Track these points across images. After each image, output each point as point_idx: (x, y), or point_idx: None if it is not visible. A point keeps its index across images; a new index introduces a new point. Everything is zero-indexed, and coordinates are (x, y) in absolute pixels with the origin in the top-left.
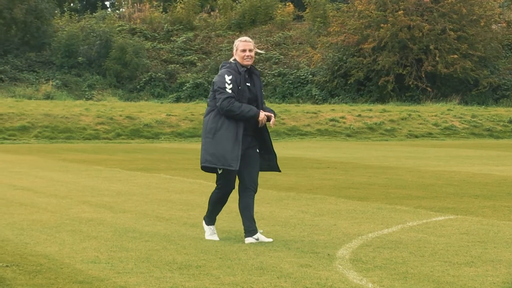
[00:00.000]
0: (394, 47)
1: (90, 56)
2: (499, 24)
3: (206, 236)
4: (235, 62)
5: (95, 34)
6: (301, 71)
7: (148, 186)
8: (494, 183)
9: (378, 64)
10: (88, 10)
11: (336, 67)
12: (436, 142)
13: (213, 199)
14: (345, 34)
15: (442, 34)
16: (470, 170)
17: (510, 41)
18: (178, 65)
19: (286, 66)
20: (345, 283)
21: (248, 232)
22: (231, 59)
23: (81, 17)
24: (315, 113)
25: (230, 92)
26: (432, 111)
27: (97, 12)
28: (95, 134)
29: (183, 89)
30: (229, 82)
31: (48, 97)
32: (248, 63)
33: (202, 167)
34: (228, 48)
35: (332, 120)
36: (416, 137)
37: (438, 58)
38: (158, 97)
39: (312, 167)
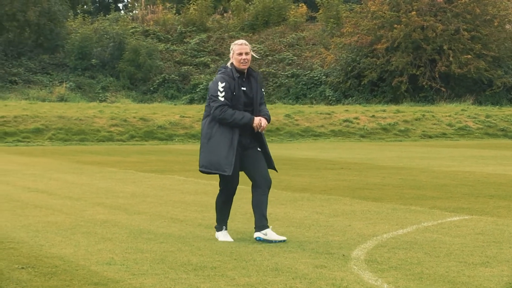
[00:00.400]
0: (407, 48)
1: (103, 58)
2: None
3: (220, 239)
4: (231, 67)
5: (109, 36)
6: (314, 72)
7: (162, 188)
8: (509, 183)
9: (392, 64)
10: (101, 12)
11: (349, 68)
12: (450, 142)
13: (218, 203)
14: (358, 35)
15: (456, 34)
16: (485, 170)
17: None
18: (191, 66)
19: (299, 67)
20: (360, 284)
21: (257, 227)
22: (228, 63)
23: (94, 19)
24: (329, 114)
25: (223, 100)
26: (446, 112)
27: (110, 14)
28: (109, 136)
29: (197, 90)
30: (221, 90)
31: (62, 99)
32: (244, 67)
33: (200, 171)
34: None
35: (345, 121)
36: (430, 137)
37: (451, 58)
38: (172, 98)
39: (326, 168)
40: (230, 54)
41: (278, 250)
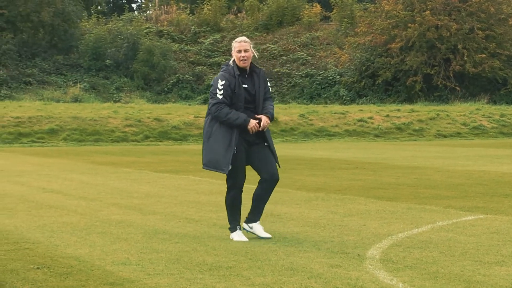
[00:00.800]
0: (421, 47)
1: (117, 58)
2: None
3: (235, 239)
4: (233, 65)
5: (123, 37)
6: (328, 72)
7: (177, 188)
8: None
9: (406, 64)
10: (115, 13)
11: (363, 68)
12: (464, 141)
13: (227, 202)
14: (372, 35)
15: (470, 33)
16: (500, 169)
17: None
18: (205, 66)
19: (313, 67)
20: (375, 283)
21: (248, 219)
22: (231, 61)
23: (108, 19)
24: (343, 113)
25: (220, 97)
26: (460, 111)
27: (124, 14)
28: (123, 137)
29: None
30: (220, 88)
31: (76, 100)
32: (244, 65)
33: (203, 168)
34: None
35: (360, 120)
36: (444, 137)
37: (466, 58)
38: (186, 99)
39: (340, 168)
40: (232, 52)
41: (293, 249)
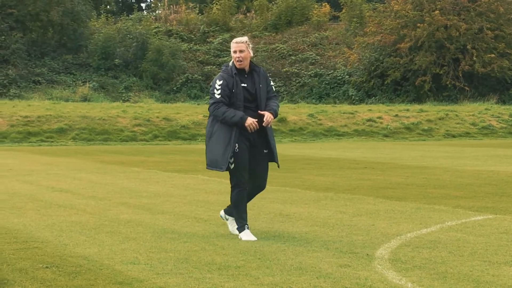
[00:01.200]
0: (431, 47)
1: (126, 58)
2: None
3: (244, 238)
4: (232, 65)
5: (132, 36)
6: (337, 72)
7: (186, 188)
8: None
9: (415, 64)
10: (124, 12)
11: (372, 67)
12: (473, 141)
13: (232, 200)
14: (381, 34)
15: (479, 33)
16: (509, 169)
17: None
18: (214, 66)
19: (322, 67)
20: (384, 283)
21: (226, 211)
22: (231, 61)
23: (117, 19)
24: (352, 113)
25: (218, 97)
26: (469, 111)
27: (133, 14)
28: (132, 136)
29: None
30: (218, 88)
31: (85, 99)
32: (240, 65)
33: (207, 168)
34: (264, 49)
35: (369, 120)
36: (453, 136)
37: (475, 58)
38: (195, 98)
39: (349, 168)
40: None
41: (302, 249)
